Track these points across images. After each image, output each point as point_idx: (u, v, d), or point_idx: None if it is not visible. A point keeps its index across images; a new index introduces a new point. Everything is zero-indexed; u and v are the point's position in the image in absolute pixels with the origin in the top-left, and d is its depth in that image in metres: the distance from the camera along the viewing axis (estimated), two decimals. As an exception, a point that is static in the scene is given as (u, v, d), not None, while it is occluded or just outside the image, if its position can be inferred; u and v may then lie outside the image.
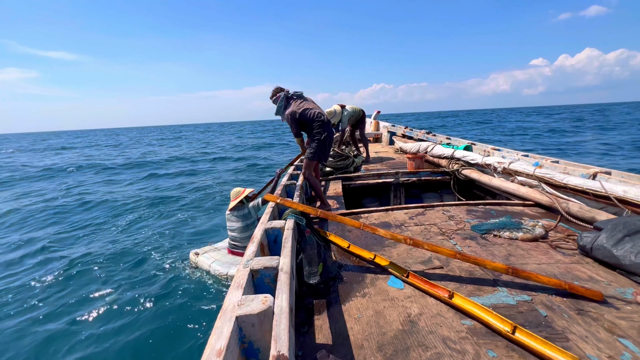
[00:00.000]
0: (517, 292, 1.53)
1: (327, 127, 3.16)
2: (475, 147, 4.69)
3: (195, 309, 3.63)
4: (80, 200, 9.15)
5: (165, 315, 3.58)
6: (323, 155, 3.23)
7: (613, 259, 1.71)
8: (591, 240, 1.85)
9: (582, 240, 1.91)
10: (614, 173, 2.64)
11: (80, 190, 10.89)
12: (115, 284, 4.36)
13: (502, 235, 2.19)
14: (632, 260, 1.62)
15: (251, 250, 1.44)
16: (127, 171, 15.38)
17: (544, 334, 1.23)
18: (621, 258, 1.67)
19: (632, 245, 1.67)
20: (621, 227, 1.79)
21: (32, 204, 9.07)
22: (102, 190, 10.67)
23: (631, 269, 1.62)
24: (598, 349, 1.15)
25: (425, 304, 1.48)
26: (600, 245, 1.78)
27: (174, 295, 3.95)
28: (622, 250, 1.68)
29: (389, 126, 8.40)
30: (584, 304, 1.42)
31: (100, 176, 14.02)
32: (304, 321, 1.40)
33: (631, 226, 1.78)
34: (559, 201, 2.59)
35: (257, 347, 0.97)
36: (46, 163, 19.85)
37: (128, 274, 4.65)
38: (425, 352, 1.17)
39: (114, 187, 11.40)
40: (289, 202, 2.16)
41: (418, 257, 1.95)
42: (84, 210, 8.32)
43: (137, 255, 5.22)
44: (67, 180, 13.30)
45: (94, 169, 16.30)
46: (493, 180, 3.52)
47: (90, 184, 12.00)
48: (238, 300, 1.00)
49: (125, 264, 4.96)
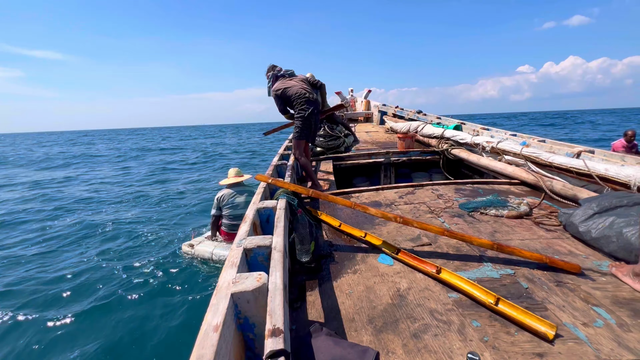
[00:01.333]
0: (501, 266, 1.60)
1: (311, 104, 3.04)
2: (465, 126, 4.72)
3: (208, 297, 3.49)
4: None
5: (183, 315, 3.36)
6: (310, 133, 3.13)
7: (578, 234, 1.81)
8: (567, 216, 1.94)
9: (561, 217, 2.02)
10: (597, 152, 2.71)
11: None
12: (105, 299, 3.72)
13: (489, 213, 2.25)
14: (592, 236, 1.72)
15: (244, 229, 1.45)
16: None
17: (524, 304, 1.30)
18: (583, 234, 1.77)
19: (596, 222, 1.75)
20: (594, 205, 1.87)
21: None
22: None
23: (591, 243, 1.73)
24: (574, 317, 1.23)
25: (414, 279, 1.53)
26: (571, 222, 1.88)
27: (182, 292, 3.67)
28: (586, 227, 1.77)
29: (379, 105, 8.35)
30: (562, 276, 1.50)
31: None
32: (297, 297, 1.44)
33: (604, 204, 1.86)
34: (544, 179, 2.66)
35: (252, 322, 1.00)
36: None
37: (112, 290, 3.90)
38: (413, 324, 1.23)
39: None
40: (281, 182, 2.16)
41: (407, 234, 2.00)
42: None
43: (113, 268, 4.47)
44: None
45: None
46: (481, 160, 3.58)
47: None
48: (232, 278, 1.02)
49: (103, 282, 4.14)
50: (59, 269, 4.60)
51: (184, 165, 16.15)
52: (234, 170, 4.24)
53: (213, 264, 4.05)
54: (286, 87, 3.09)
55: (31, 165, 19.28)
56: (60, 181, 12.63)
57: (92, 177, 13.28)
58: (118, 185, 11.23)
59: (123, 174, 13.90)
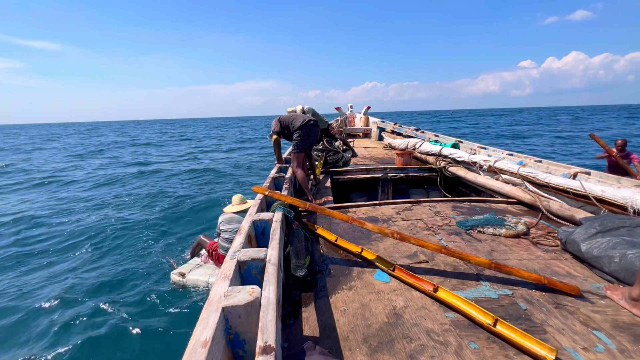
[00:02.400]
0: (499, 286, 1.57)
1: (310, 122, 3.41)
2: (462, 144, 4.76)
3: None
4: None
5: (171, 329, 3.04)
6: (305, 144, 3.43)
7: (580, 253, 1.80)
8: (567, 234, 1.93)
9: (560, 234, 2.01)
10: (593, 173, 2.73)
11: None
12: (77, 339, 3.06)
13: (486, 232, 2.24)
14: (593, 255, 1.71)
15: (239, 241, 1.42)
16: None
17: (523, 326, 1.27)
18: (585, 252, 1.76)
19: (598, 241, 1.75)
20: (597, 225, 1.87)
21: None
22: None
23: (592, 262, 1.71)
24: (573, 341, 1.20)
25: (410, 297, 1.50)
26: (572, 239, 1.87)
27: (173, 326, 3.16)
28: (588, 245, 1.76)
29: (378, 122, 8.44)
30: (561, 298, 1.47)
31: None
32: (290, 313, 1.40)
33: (607, 224, 1.86)
34: (541, 199, 2.66)
35: (243, 338, 0.97)
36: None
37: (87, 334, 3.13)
38: (409, 344, 1.19)
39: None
40: (278, 194, 2.15)
41: (404, 251, 1.97)
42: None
43: (87, 304, 3.63)
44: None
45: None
46: (478, 178, 3.59)
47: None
48: (225, 291, 0.99)
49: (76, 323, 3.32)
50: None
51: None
52: (238, 197, 4.08)
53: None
54: (287, 116, 3.61)
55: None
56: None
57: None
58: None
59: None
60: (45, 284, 4.15)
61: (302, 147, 3.34)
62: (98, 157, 17.81)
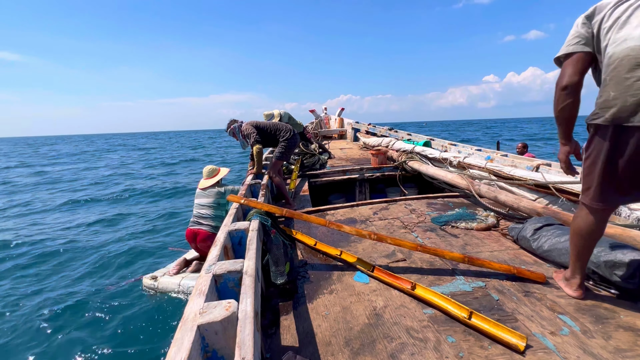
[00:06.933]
0: (472, 279, 1.64)
1: (295, 133, 3.57)
2: (434, 142, 4.92)
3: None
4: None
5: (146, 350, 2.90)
6: (289, 155, 3.60)
7: (530, 248, 1.88)
8: (517, 231, 2.02)
9: (512, 232, 2.10)
10: (554, 165, 2.91)
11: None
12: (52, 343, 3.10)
13: (459, 226, 2.32)
14: (544, 249, 1.78)
15: (214, 254, 1.39)
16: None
17: (496, 316, 1.33)
18: (536, 248, 1.83)
19: (545, 235, 1.82)
20: (541, 220, 1.96)
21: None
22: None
23: (544, 255, 1.79)
24: (542, 327, 1.27)
25: (389, 296, 1.52)
26: (522, 235, 1.95)
27: (142, 331, 3.10)
28: (536, 241, 1.83)
29: (353, 123, 8.54)
30: (530, 286, 1.55)
31: None
32: (271, 322, 1.38)
33: (549, 220, 1.96)
34: (473, 184, 2.90)
35: (221, 355, 0.94)
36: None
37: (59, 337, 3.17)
38: (390, 343, 1.21)
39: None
40: (254, 202, 2.12)
41: (382, 251, 2.01)
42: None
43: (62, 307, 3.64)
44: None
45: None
46: (429, 169, 3.78)
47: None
48: (200, 308, 0.96)
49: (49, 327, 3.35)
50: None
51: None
52: (206, 169, 3.85)
53: (184, 297, 3.52)
54: (262, 122, 3.61)
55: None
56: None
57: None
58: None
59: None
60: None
61: (287, 157, 3.52)
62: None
